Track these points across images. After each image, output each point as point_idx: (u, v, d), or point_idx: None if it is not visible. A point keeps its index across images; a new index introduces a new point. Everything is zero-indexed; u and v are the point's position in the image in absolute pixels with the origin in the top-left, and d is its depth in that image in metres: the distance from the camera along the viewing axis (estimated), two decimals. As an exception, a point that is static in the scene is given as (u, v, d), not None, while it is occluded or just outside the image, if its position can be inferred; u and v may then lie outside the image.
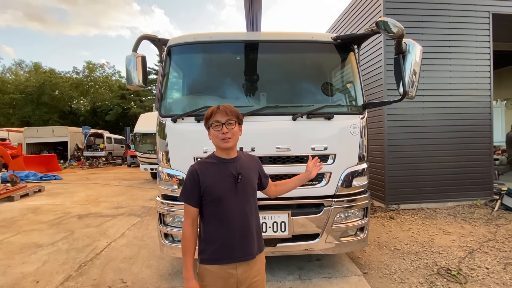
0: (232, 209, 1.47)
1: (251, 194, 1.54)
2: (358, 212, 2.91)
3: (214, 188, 1.45)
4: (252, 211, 1.53)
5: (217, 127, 1.45)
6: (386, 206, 5.70)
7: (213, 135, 1.49)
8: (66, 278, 3.17)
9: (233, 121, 1.47)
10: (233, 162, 1.52)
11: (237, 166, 1.51)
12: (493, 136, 6.02)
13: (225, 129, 1.44)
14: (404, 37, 2.38)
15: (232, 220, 1.46)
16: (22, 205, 6.95)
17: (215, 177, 1.47)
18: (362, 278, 3.01)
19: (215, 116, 1.46)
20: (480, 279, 2.97)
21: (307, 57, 3.19)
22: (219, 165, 1.50)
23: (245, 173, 1.52)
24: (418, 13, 5.68)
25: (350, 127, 2.78)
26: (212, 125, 1.46)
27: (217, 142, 1.48)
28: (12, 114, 30.30)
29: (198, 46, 3.02)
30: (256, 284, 1.52)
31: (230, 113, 1.47)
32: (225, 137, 1.44)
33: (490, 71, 5.93)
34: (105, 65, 37.44)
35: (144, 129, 10.58)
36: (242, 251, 1.47)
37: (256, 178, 1.60)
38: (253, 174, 1.58)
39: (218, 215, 1.47)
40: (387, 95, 5.53)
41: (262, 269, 1.58)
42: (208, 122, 1.49)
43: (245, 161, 1.57)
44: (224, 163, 1.51)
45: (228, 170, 1.49)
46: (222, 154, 1.52)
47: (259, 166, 1.67)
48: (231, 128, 1.46)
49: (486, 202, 5.77)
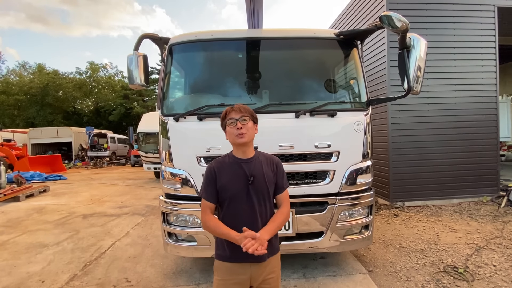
0: (242, 210, 1.48)
1: (265, 197, 1.53)
2: (363, 210, 2.88)
3: (227, 188, 1.49)
4: (264, 214, 1.52)
5: (231, 124, 1.49)
6: (390, 204, 5.65)
7: (229, 133, 1.52)
8: (72, 277, 3.19)
9: (246, 117, 1.50)
10: (249, 163, 1.52)
11: (251, 167, 1.51)
12: (499, 131, 5.93)
13: (239, 124, 1.47)
14: (408, 31, 2.34)
15: (241, 221, 1.46)
16: (28, 205, 7.01)
17: (229, 176, 1.50)
18: (367, 276, 2.99)
19: (230, 115, 1.51)
20: (488, 277, 2.93)
21: (310, 54, 3.16)
22: (234, 165, 1.52)
23: (258, 175, 1.51)
24: (422, 8, 5.60)
25: (354, 124, 2.75)
26: (227, 123, 1.50)
27: (233, 138, 1.50)
28: (17, 115, 30.59)
29: (200, 44, 3.00)
30: (270, 281, 1.54)
31: (244, 111, 1.52)
32: (239, 132, 1.47)
33: (496, 66, 5.83)
34: (108, 65, 37.71)
35: (147, 129, 10.61)
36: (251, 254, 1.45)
37: (272, 183, 1.56)
38: (269, 177, 1.54)
39: (230, 214, 1.50)
40: (390, 91, 5.47)
41: (276, 267, 1.59)
42: (224, 121, 1.53)
43: (261, 163, 1.55)
44: (239, 163, 1.52)
45: (242, 171, 1.50)
46: (238, 153, 1.54)
47: (277, 172, 1.59)
48: (245, 123, 1.49)
49: (493, 198, 5.70)
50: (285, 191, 1.63)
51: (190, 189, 2.68)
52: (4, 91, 29.66)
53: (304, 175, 2.75)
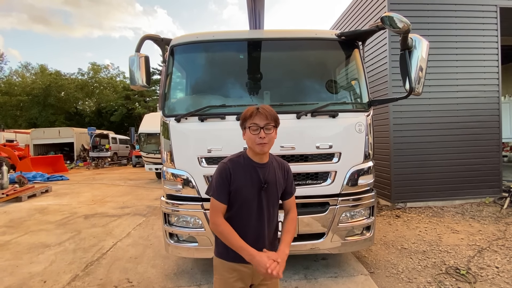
0: (251, 215, 1.46)
1: (274, 203, 1.53)
2: (364, 211, 2.87)
3: (241, 192, 1.44)
4: (271, 219, 1.52)
5: (255, 131, 1.40)
6: (392, 205, 5.63)
7: (249, 138, 1.43)
8: (73, 277, 3.19)
9: (271, 125, 1.42)
10: (263, 168, 1.49)
11: (266, 173, 1.49)
12: (501, 132, 5.90)
13: (263, 133, 1.39)
14: (410, 32, 2.34)
15: (248, 225, 1.46)
16: (30, 205, 7.04)
17: (245, 180, 1.45)
18: (368, 277, 2.98)
19: (254, 119, 1.40)
20: (490, 278, 2.91)
21: (311, 55, 3.15)
22: (249, 168, 1.47)
23: (272, 181, 1.50)
24: (424, 8, 5.59)
25: (356, 125, 2.74)
26: (250, 128, 1.41)
27: (253, 145, 1.43)
28: (19, 116, 30.76)
29: (201, 45, 3.01)
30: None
31: (270, 117, 1.41)
32: (262, 142, 1.40)
33: (498, 66, 5.81)
34: (110, 66, 37.77)
35: (149, 129, 10.64)
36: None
37: (282, 188, 1.56)
38: (280, 183, 1.54)
39: (238, 217, 1.47)
40: (392, 92, 5.46)
41: None
42: (246, 123, 1.44)
43: (275, 168, 1.54)
44: (255, 167, 1.48)
45: (257, 175, 1.46)
46: (255, 158, 1.49)
47: (287, 178, 1.59)
48: (269, 133, 1.41)
49: (495, 199, 5.67)
50: (293, 196, 1.63)
51: (192, 189, 2.68)
52: (6, 91, 29.85)
53: (305, 176, 2.75)
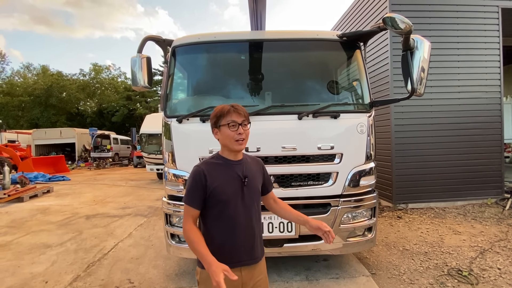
0: (238, 213, 1.43)
1: (256, 198, 1.52)
2: (366, 212, 2.86)
3: (222, 191, 1.40)
4: (256, 216, 1.50)
5: (233, 127, 1.38)
6: (393, 206, 5.62)
7: (226, 135, 1.40)
8: (75, 278, 3.20)
9: (247, 122, 1.43)
10: (240, 164, 1.48)
11: (243, 168, 1.47)
12: (503, 133, 5.88)
13: (241, 130, 1.39)
14: (412, 33, 2.33)
15: (238, 224, 1.43)
16: (31, 205, 7.05)
17: (223, 179, 1.42)
18: (370, 278, 2.97)
19: (232, 116, 1.39)
20: (492, 280, 2.90)
21: (313, 55, 3.15)
22: (226, 167, 1.45)
23: (251, 176, 1.49)
24: (425, 9, 5.58)
25: (357, 126, 2.74)
26: (229, 124, 1.39)
27: (231, 142, 1.40)
28: (21, 116, 30.88)
29: (203, 46, 3.01)
30: (260, 282, 1.51)
31: (245, 114, 1.43)
32: (240, 138, 1.39)
33: (500, 67, 5.79)
34: (111, 67, 37.92)
35: (150, 130, 10.65)
36: (248, 255, 1.46)
37: (260, 182, 1.56)
38: (258, 177, 1.55)
39: (224, 218, 1.42)
40: (393, 93, 5.45)
41: (263, 268, 1.57)
42: (220, 121, 1.41)
43: (250, 164, 1.54)
44: (231, 164, 1.46)
45: (235, 173, 1.45)
46: (230, 156, 1.47)
47: (263, 170, 1.61)
48: (246, 129, 1.42)
49: (497, 200, 5.65)
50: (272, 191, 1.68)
51: (193, 190, 2.67)
52: (8, 92, 29.99)
53: (307, 177, 2.75)
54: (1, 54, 32.87)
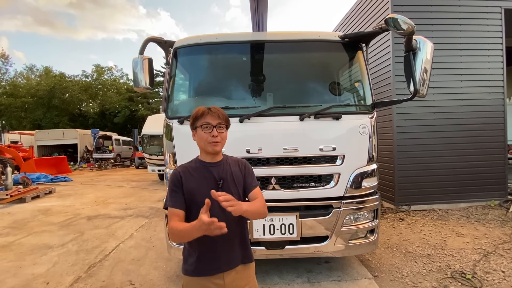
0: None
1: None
2: (368, 214, 2.84)
3: (196, 193, 1.38)
4: (237, 219, 1.42)
5: (206, 129, 1.39)
6: (396, 207, 5.58)
7: (200, 137, 1.41)
8: (76, 279, 3.20)
9: (223, 125, 1.43)
10: (217, 166, 1.46)
11: (220, 170, 1.45)
12: (507, 134, 5.84)
13: (215, 132, 1.39)
14: (414, 34, 2.32)
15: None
16: (33, 206, 7.07)
17: (197, 181, 1.41)
18: (372, 281, 2.94)
19: (206, 118, 1.40)
20: (496, 283, 2.87)
21: (314, 57, 3.15)
22: (202, 169, 1.44)
23: (228, 178, 1.45)
24: (427, 10, 5.56)
25: (359, 127, 2.73)
26: (202, 126, 1.40)
27: (205, 145, 1.41)
28: (24, 117, 31.04)
29: (204, 48, 3.01)
30: None
31: (222, 117, 1.42)
32: (214, 140, 1.39)
33: (503, 68, 5.76)
34: (113, 68, 38.05)
35: (152, 131, 10.67)
36: (226, 260, 1.42)
37: (241, 184, 1.49)
38: (238, 179, 1.48)
39: None
40: (396, 94, 5.43)
41: (251, 276, 1.52)
42: (196, 122, 1.42)
43: (229, 165, 1.49)
44: (207, 166, 1.45)
45: (210, 174, 1.43)
46: (206, 158, 1.46)
47: (245, 172, 1.53)
48: (221, 132, 1.42)
49: (501, 202, 5.60)
50: (257, 188, 1.52)
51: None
52: (11, 93, 30.15)
53: (308, 179, 2.73)
54: (5, 55, 33.13)
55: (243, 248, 1.49)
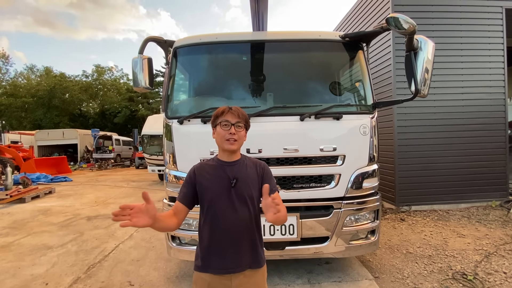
0: (223, 215, 1.39)
1: (248, 203, 1.42)
2: (369, 214, 2.83)
3: (208, 190, 1.41)
4: (248, 221, 1.42)
5: (225, 126, 1.41)
6: (396, 208, 5.57)
7: (218, 134, 1.43)
8: (75, 280, 3.18)
9: (242, 124, 1.44)
10: (232, 166, 1.45)
11: (235, 170, 1.44)
12: (507, 135, 5.82)
13: (233, 130, 1.40)
14: (415, 33, 2.30)
15: (222, 226, 1.39)
16: (33, 206, 7.06)
17: (211, 179, 1.43)
18: (373, 282, 2.93)
19: (226, 116, 1.42)
20: (498, 284, 2.85)
21: (315, 56, 3.13)
22: (217, 168, 1.45)
23: (243, 178, 1.43)
24: (428, 9, 5.55)
25: (360, 127, 2.71)
26: (221, 123, 1.42)
27: (222, 141, 1.42)
28: (24, 117, 31.05)
29: (204, 47, 2.99)
30: None
31: (242, 116, 1.44)
32: (231, 137, 1.40)
33: (504, 68, 5.74)
34: (113, 68, 38.06)
35: (152, 131, 10.66)
36: (233, 262, 1.39)
37: (256, 186, 1.46)
38: (253, 181, 1.45)
39: (210, 219, 1.41)
40: (396, 94, 5.41)
41: (261, 282, 1.48)
42: (217, 120, 1.45)
43: (246, 166, 1.48)
44: (223, 165, 1.45)
45: (225, 173, 1.43)
46: (223, 157, 1.47)
47: (263, 174, 1.49)
48: (239, 130, 1.42)
49: (502, 203, 5.58)
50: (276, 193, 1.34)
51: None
52: (12, 93, 30.16)
53: (309, 179, 2.72)
54: (5, 55, 33.09)
55: (253, 252, 1.45)
